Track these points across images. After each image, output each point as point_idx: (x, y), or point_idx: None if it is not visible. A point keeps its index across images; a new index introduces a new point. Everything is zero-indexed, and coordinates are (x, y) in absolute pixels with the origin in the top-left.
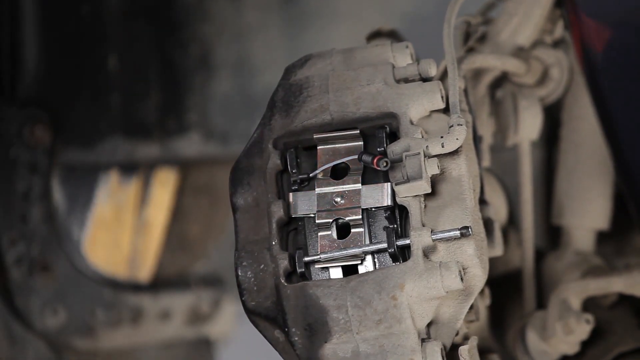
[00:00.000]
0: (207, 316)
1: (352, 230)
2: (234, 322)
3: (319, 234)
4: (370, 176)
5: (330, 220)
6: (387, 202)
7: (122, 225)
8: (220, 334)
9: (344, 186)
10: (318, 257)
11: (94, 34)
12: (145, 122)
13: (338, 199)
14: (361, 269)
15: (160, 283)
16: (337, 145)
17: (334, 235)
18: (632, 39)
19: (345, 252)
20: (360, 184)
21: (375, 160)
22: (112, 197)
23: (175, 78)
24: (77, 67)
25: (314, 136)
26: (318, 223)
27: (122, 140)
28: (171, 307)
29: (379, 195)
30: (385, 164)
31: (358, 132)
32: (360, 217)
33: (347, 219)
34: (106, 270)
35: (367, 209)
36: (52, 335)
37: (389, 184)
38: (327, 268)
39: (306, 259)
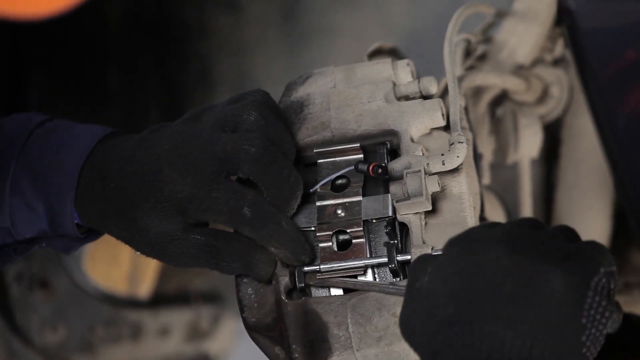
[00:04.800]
0: (207, 332)
1: (353, 241)
2: (234, 338)
3: (320, 245)
4: (371, 190)
5: (331, 233)
6: (389, 212)
7: (121, 242)
8: (220, 350)
9: (345, 199)
10: (317, 267)
11: (94, 50)
12: None
13: (339, 212)
14: None
15: (159, 299)
16: (337, 159)
17: (335, 247)
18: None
19: (345, 263)
20: (360, 196)
21: (370, 168)
22: None
23: (175, 94)
24: (77, 83)
25: (314, 151)
26: (319, 236)
27: None
28: (171, 324)
29: (380, 206)
30: (380, 170)
31: (358, 145)
32: (361, 228)
33: (348, 231)
34: (106, 286)
35: (367, 221)
36: (52, 351)
37: (389, 194)
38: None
39: (306, 268)
